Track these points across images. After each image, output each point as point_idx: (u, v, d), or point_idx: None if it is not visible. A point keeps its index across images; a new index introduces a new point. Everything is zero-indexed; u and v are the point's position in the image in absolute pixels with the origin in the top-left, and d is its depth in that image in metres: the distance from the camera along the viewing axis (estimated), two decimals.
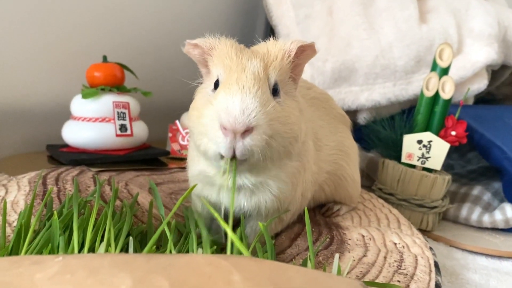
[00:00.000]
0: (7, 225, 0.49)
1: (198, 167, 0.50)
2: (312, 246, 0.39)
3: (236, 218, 0.52)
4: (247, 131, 0.40)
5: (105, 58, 0.83)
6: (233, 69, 0.43)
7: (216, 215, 0.34)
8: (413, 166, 0.79)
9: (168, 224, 0.40)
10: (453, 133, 0.78)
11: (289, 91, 0.48)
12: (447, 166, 1.02)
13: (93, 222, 0.41)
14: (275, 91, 0.45)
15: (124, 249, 0.41)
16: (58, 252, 0.40)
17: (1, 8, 0.80)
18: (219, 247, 0.49)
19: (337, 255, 0.41)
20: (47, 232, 0.42)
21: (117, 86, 0.81)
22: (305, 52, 0.48)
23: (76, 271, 0.29)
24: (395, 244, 0.60)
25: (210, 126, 0.42)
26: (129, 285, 0.28)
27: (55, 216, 0.42)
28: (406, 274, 0.52)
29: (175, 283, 0.28)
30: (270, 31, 1.07)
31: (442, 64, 0.79)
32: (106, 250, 0.38)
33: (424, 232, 0.79)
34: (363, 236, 0.62)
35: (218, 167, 0.46)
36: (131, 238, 0.41)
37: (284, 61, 0.46)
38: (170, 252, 0.38)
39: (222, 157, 0.43)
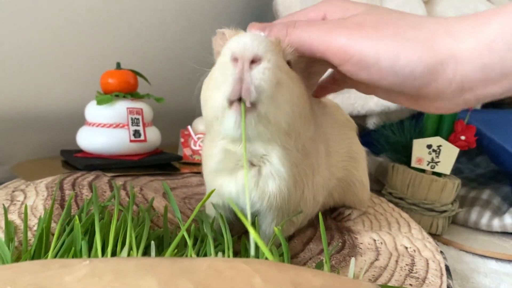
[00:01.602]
0: (28, 229, 0.51)
1: (215, 151, 0.49)
2: (327, 250, 0.40)
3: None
4: (255, 61, 0.41)
5: (118, 65, 0.84)
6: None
7: (240, 215, 0.34)
8: (423, 171, 0.80)
9: (187, 229, 0.41)
10: (463, 137, 0.79)
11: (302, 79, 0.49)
12: (456, 170, 1.02)
13: (115, 226, 0.42)
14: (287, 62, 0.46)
15: (143, 253, 0.43)
16: (81, 255, 0.41)
17: (16, 16, 0.82)
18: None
19: (353, 259, 0.42)
20: (69, 236, 0.43)
21: (131, 93, 0.82)
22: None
23: (103, 274, 0.30)
24: (406, 248, 0.61)
25: (222, 68, 0.43)
26: None
27: (77, 220, 0.44)
28: (418, 277, 0.53)
29: (199, 286, 0.29)
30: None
31: None
32: (128, 254, 0.39)
33: (433, 236, 0.80)
34: (374, 240, 0.62)
35: (232, 141, 0.46)
36: (153, 242, 0.42)
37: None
38: (191, 256, 0.39)
39: (231, 104, 0.42)
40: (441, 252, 0.61)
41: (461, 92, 0.40)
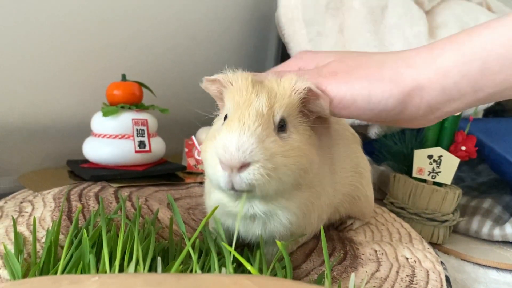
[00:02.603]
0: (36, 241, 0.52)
1: (214, 196, 0.52)
2: (329, 263, 0.41)
3: (254, 242, 0.55)
4: (244, 166, 0.43)
5: (124, 77, 0.85)
6: (240, 105, 0.46)
7: (225, 244, 0.36)
8: (424, 181, 0.81)
9: (192, 243, 0.43)
10: (463, 148, 0.79)
11: (299, 125, 0.50)
12: (458, 179, 1.03)
13: (122, 240, 0.43)
14: (281, 127, 0.47)
15: (149, 266, 0.44)
16: (89, 269, 0.42)
17: (23, 28, 0.83)
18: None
19: (352, 274, 0.43)
20: (78, 250, 0.45)
21: (136, 104, 0.83)
22: (317, 101, 0.48)
23: None
24: (407, 258, 0.62)
25: (211, 161, 0.46)
26: None
27: (85, 234, 0.45)
28: None
29: None
30: (282, 49, 1.10)
31: None
32: (136, 269, 0.40)
33: (435, 245, 0.80)
34: (375, 251, 0.63)
35: (230, 195, 0.48)
36: (159, 258, 0.43)
37: (292, 98, 0.48)
38: (195, 271, 0.40)
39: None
40: (442, 262, 0.62)
41: (431, 111, 0.47)
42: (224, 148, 0.43)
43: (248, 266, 0.37)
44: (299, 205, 0.51)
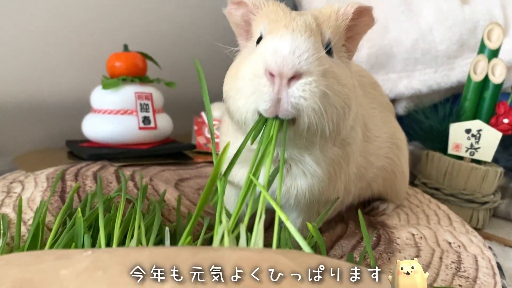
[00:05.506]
0: (22, 223, 0.45)
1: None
2: (370, 243, 0.34)
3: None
4: (295, 77, 0.34)
5: (126, 47, 0.79)
6: (281, 20, 0.38)
7: (270, 199, 0.28)
8: (461, 158, 0.73)
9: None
10: (506, 120, 0.72)
11: (342, 57, 0.43)
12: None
13: (121, 218, 0.36)
14: (328, 51, 0.40)
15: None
16: None
17: (19, 2, 0.78)
18: None
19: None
20: (70, 231, 0.38)
21: (139, 77, 0.77)
22: (362, 19, 0.42)
23: (109, 267, 0.24)
24: (450, 243, 0.55)
25: (251, 75, 0.36)
26: None
27: (79, 213, 0.38)
28: (468, 277, 0.47)
29: None
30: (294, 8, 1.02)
31: (491, 45, 0.73)
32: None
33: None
34: (413, 234, 0.56)
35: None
36: (167, 228, 0.35)
37: (338, 22, 0.41)
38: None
39: (260, 115, 0.37)
40: (490, 248, 0.54)
41: None
42: (275, 51, 0.35)
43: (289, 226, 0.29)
44: (329, 160, 0.44)
